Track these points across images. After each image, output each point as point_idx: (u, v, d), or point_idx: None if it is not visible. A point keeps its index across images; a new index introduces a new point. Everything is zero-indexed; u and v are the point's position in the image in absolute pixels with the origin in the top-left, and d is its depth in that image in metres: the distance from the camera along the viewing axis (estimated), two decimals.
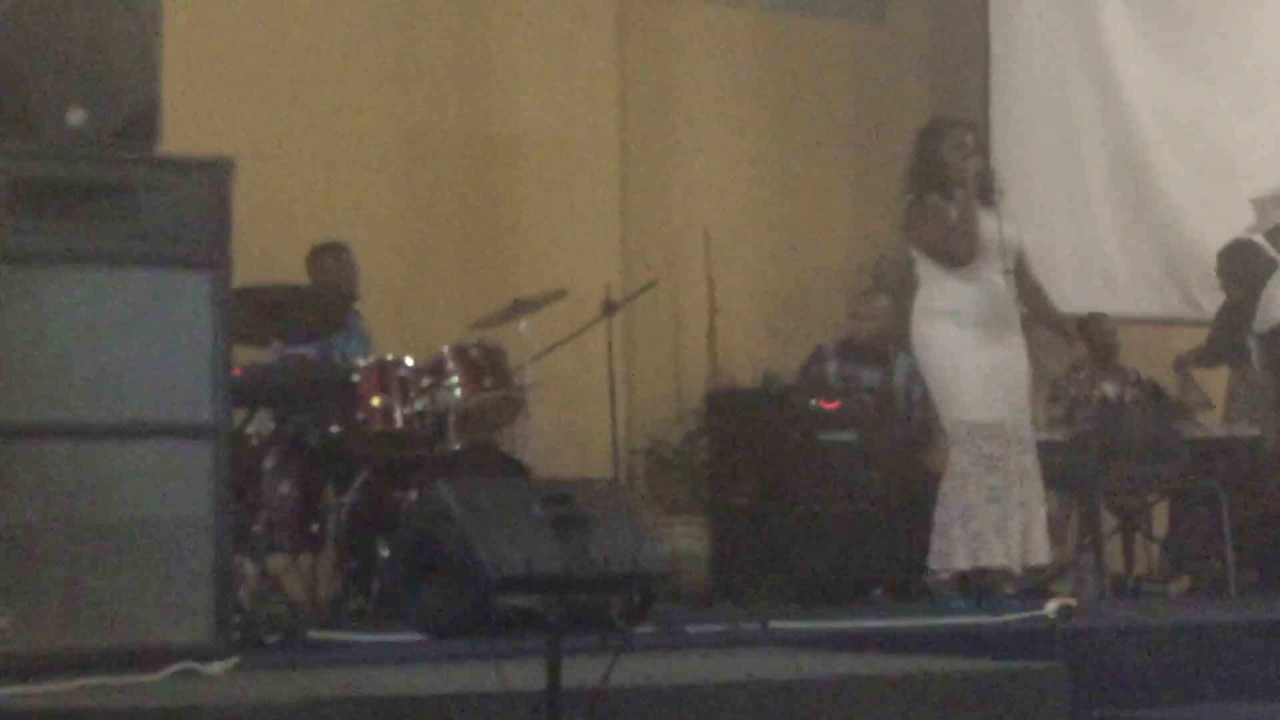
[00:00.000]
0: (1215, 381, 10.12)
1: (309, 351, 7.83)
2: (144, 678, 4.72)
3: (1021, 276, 7.91)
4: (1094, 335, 10.10)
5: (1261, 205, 9.06)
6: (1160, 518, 9.90)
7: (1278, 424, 8.91)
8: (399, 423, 7.65)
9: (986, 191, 7.84)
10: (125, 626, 5.01)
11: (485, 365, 7.86)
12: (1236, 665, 6.67)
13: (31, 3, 5.13)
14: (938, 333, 7.86)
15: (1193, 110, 10.97)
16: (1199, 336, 10.15)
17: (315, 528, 7.84)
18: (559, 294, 8.52)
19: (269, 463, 7.47)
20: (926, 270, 7.92)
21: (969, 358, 7.77)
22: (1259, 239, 9.15)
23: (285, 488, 7.73)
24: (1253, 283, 9.13)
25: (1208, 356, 9.96)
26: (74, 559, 4.96)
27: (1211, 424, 9.67)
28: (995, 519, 7.68)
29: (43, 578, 4.92)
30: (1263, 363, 8.95)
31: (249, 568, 6.66)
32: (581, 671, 4.10)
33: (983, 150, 8.07)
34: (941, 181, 7.84)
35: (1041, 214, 10.58)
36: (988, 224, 7.80)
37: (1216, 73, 11.09)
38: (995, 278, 7.77)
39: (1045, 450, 9.54)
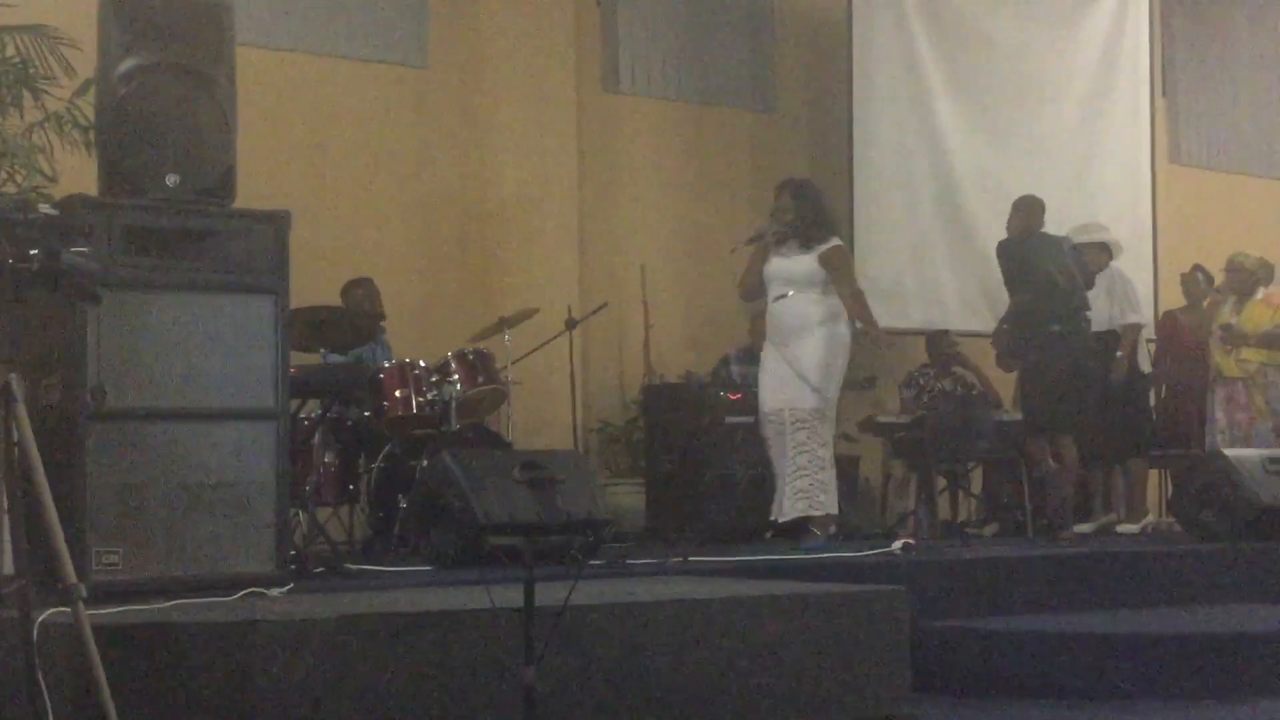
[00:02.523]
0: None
1: (346, 357, 7.79)
2: (222, 598, 4.71)
3: (839, 290, 7.58)
4: (939, 346, 10.12)
5: None
6: (976, 479, 9.94)
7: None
8: (414, 409, 7.61)
9: (807, 238, 7.56)
10: (208, 560, 4.98)
11: (479, 366, 7.83)
12: (1032, 587, 6.72)
13: (137, 94, 5.09)
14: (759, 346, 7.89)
15: (1001, 176, 10.95)
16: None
17: (351, 487, 7.82)
18: (532, 313, 8.51)
19: (317, 439, 7.42)
20: None
21: (763, 364, 7.73)
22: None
23: (329, 457, 7.71)
24: None
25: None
26: (170, 510, 4.92)
27: (1013, 412, 9.69)
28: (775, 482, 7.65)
29: (147, 524, 4.88)
30: None
31: (302, 517, 6.62)
32: (550, 593, 4.09)
33: (791, 211, 7.61)
34: (776, 229, 7.73)
35: (892, 256, 10.63)
36: (793, 263, 7.57)
37: (1017, 149, 11.11)
38: (774, 302, 7.64)
39: (896, 429, 9.56)
